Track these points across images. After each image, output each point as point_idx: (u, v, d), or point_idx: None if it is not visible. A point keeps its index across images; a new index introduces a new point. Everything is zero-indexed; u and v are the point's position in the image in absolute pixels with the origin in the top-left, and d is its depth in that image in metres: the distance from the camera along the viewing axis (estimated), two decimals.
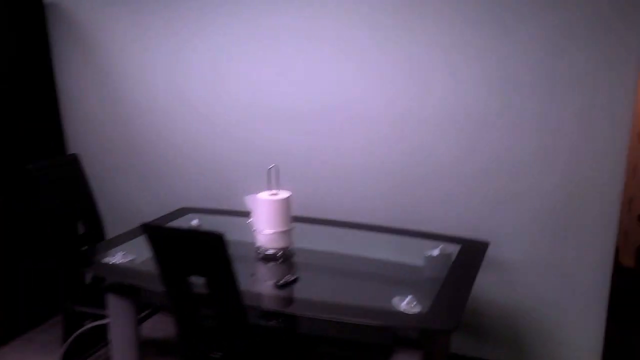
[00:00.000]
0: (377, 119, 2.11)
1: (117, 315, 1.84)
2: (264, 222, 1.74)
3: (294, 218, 1.81)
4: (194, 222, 2.11)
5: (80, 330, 2.06)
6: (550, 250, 1.96)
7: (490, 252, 1.93)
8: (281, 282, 1.58)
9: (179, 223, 2.13)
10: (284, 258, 1.77)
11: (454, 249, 1.78)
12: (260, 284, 1.65)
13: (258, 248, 1.79)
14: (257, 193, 1.76)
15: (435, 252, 1.75)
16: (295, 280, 1.60)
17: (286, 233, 1.75)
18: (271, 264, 1.75)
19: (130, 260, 1.78)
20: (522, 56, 1.86)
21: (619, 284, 2.00)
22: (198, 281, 1.42)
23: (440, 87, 1.99)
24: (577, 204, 1.89)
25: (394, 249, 1.92)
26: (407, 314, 1.39)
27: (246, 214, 1.82)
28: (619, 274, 1.97)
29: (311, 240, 1.97)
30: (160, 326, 2.54)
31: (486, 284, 2.07)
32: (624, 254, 3.18)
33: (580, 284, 1.95)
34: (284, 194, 1.75)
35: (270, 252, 1.76)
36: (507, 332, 2.10)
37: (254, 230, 1.77)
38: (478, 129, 1.97)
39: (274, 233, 1.73)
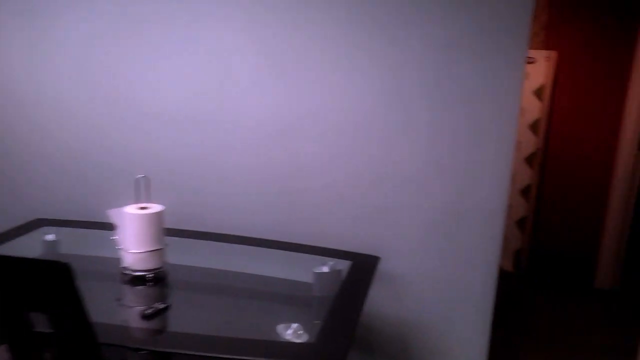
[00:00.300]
0: (259, 128, 1.94)
1: None
2: (131, 239, 1.50)
3: (170, 231, 1.60)
4: (49, 237, 1.81)
5: None
6: (438, 261, 1.93)
7: (380, 266, 1.86)
8: (149, 311, 1.36)
9: (30, 238, 1.81)
10: (155, 280, 1.54)
11: (344, 265, 1.68)
12: (124, 313, 1.41)
13: (124, 269, 1.55)
14: (123, 206, 1.53)
15: (325, 269, 1.64)
16: (166, 308, 1.39)
17: (158, 252, 1.53)
18: (140, 287, 1.52)
19: None
20: (412, 66, 1.79)
21: (498, 288, 2.02)
22: (40, 318, 1.16)
23: (327, 96, 1.87)
24: (464, 214, 1.88)
25: (282, 264, 1.78)
26: (292, 344, 1.25)
27: (114, 227, 1.57)
28: (499, 278, 1.99)
29: (188, 257, 1.76)
30: None
31: (376, 298, 1.99)
32: (503, 259, 3.33)
33: (466, 294, 1.94)
34: (155, 208, 1.53)
35: (139, 273, 1.53)
36: (396, 346, 2.05)
37: (120, 249, 1.53)
38: (366, 140, 1.89)
39: (143, 252, 1.50)
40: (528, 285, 3.59)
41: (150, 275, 1.53)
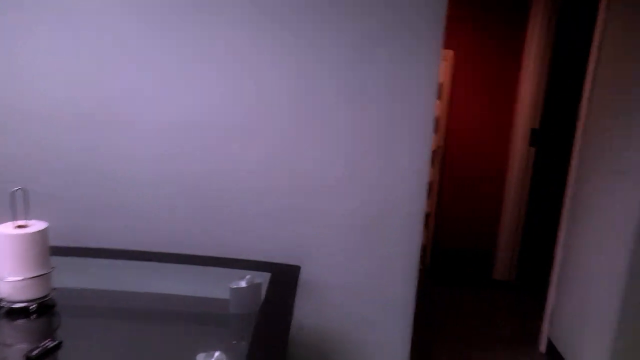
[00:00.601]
0: (159, 128, 1.74)
1: None
2: (7, 265, 1.24)
3: (57, 251, 1.35)
4: None
5: None
6: (358, 266, 1.86)
7: (301, 275, 1.74)
8: (36, 351, 1.12)
9: None
10: (41, 312, 1.30)
11: (264, 278, 1.53)
12: (2, 356, 1.16)
13: (0, 300, 1.28)
14: None
15: (242, 284, 1.48)
16: (58, 346, 1.16)
17: (43, 278, 1.28)
18: (21, 321, 1.26)
19: None
20: (323, 65, 1.70)
21: None
22: None
23: (231, 96, 1.72)
24: (383, 217, 1.82)
25: (194, 281, 1.60)
26: None
27: None
28: None
29: (82, 279, 1.52)
30: None
31: (297, 309, 1.87)
32: None
33: (387, 297, 1.89)
34: (36, 225, 1.28)
35: (19, 305, 1.27)
36: (317, 357, 1.95)
37: None
38: (279, 142, 1.76)
39: (23, 280, 1.25)
40: (433, 279, 3.67)
41: (34, 306, 1.28)
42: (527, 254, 3.77)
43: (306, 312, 1.88)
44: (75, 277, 1.49)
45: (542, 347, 2.63)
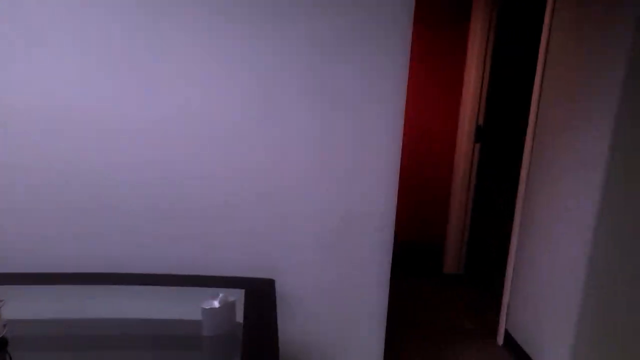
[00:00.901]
0: (112, 130, 1.61)
1: None
2: None
3: (9, 278, 1.20)
4: None
5: None
6: (331, 273, 1.80)
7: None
8: None
9: None
10: None
11: (236, 295, 1.44)
12: None
13: None
14: None
15: (215, 303, 1.39)
16: None
17: None
18: None
19: None
20: (292, 65, 1.63)
21: None
22: None
23: (196, 98, 1.61)
24: (354, 221, 1.78)
25: (162, 302, 1.48)
26: None
27: None
28: None
29: (39, 308, 1.36)
30: None
31: None
32: None
33: (361, 302, 1.85)
34: None
35: None
36: None
37: None
38: (246, 146, 1.67)
39: None
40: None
41: None
42: (474, 247, 3.87)
43: (281, 324, 1.80)
44: (29, 306, 1.33)
45: (500, 340, 2.69)
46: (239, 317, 1.36)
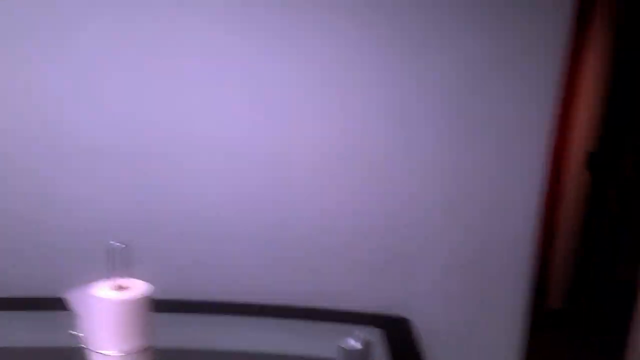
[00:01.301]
0: (242, 164, 1.57)
1: None
2: (104, 335, 1.06)
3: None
4: None
5: None
6: (460, 313, 1.67)
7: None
8: None
9: None
10: None
11: (368, 332, 1.35)
12: None
13: None
14: (85, 284, 1.08)
15: (354, 343, 1.30)
16: None
17: (145, 352, 1.09)
18: None
19: None
20: (427, 85, 1.53)
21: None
22: None
23: (327, 125, 1.55)
24: (487, 259, 1.64)
25: (290, 336, 1.42)
26: None
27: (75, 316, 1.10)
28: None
29: (174, 337, 1.31)
30: None
31: None
32: None
33: (492, 349, 1.71)
34: (137, 286, 1.10)
35: None
36: None
37: (86, 349, 1.08)
38: (375, 174, 1.59)
39: (125, 356, 1.06)
40: None
41: None
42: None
43: None
44: (169, 335, 1.29)
45: None
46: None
